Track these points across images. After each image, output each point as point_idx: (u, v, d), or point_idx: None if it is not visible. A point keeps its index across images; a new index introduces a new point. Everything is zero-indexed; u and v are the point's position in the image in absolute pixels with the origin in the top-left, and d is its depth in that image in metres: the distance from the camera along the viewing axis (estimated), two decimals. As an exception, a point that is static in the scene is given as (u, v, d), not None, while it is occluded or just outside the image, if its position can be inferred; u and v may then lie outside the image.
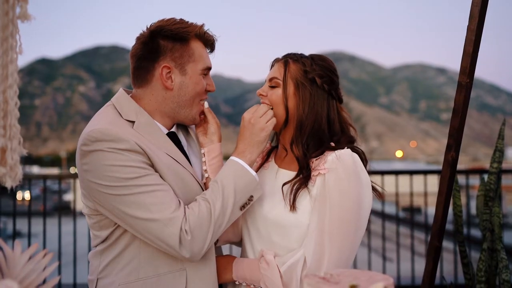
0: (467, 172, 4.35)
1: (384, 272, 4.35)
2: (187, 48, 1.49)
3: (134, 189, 1.33)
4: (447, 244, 6.47)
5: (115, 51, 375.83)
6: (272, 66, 1.62)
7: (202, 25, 1.52)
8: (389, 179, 4.22)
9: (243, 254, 1.63)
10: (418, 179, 4.22)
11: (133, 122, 1.45)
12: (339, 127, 1.55)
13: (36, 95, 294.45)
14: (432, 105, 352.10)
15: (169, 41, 1.47)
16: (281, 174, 1.59)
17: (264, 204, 1.55)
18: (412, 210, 4.60)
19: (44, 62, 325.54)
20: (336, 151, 1.47)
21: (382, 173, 4.16)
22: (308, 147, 1.52)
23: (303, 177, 1.49)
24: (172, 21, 1.48)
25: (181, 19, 1.50)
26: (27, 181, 4.29)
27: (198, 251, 1.35)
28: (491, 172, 2.02)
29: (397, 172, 4.22)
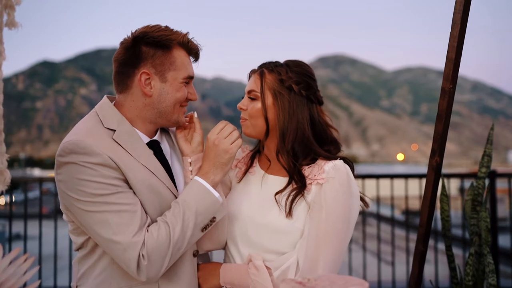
0: (462, 176, 4.60)
1: (379, 274, 4.37)
2: (168, 56, 1.47)
3: (102, 207, 1.31)
4: (442, 247, 6.47)
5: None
6: (249, 77, 1.62)
7: (186, 34, 1.51)
8: (386, 183, 4.28)
9: (227, 260, 1.62)
10: (416, 182, 4.24)
11: (114, 130, 1.44)
12: (322, 130, 1.57)
13: (38, 97, 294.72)
14: (433, 108, 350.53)
15: (151, 47, 1.46)
16: (270, 180, 1.60)
17: (255, 210, 1.55)
18: (409, 213, 4.62)
19: (45, 65, 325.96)
20: (332, 161, 1.50)
21: (377, 176, 4.31)
22: (295, 155, 1.53)
23: (299, 187, 1.50)
24: (156, 28, 1.47)
25: (166, 27, 1.49)
26: (23, 184, 4.31)
27: (154, 275, 1.34)
28: (479, 177, 2.03)
29: (392, 176, 4.30)
